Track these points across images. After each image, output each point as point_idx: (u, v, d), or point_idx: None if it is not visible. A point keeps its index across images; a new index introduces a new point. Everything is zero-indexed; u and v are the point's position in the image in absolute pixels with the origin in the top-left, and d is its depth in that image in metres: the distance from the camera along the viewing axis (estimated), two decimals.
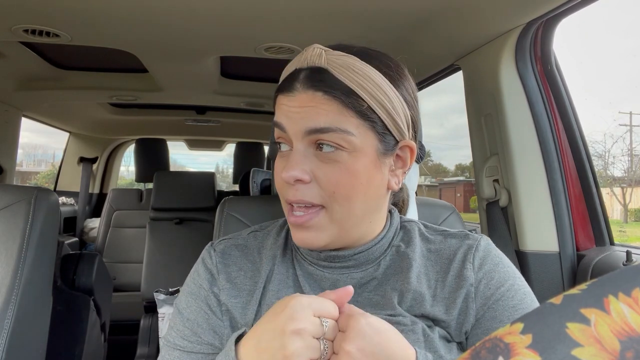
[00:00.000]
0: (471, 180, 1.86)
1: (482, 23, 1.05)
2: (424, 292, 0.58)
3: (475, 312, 0.58)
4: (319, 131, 0.54)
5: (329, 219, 0.56)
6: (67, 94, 2.04)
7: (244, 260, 0.65)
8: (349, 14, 1.11)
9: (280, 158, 0.59)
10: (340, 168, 0.54)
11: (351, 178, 0.55)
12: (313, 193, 0.55)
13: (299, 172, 0.54)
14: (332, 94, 0.54)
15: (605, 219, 1.14)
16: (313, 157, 0.55)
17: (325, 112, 0.54)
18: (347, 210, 0.56)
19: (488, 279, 0.59)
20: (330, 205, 0.56)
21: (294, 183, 0.55)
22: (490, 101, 1.16)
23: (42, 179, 9.49)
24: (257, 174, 1.95)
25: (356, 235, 0.60)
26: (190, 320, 0.62)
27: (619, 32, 18.74)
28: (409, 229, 0.66)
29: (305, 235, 0.57)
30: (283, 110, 0.57)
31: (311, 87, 0.54)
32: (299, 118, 0.55)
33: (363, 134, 0.55)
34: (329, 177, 0.55)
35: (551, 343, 0.23)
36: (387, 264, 0.62)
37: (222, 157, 7.71)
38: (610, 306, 0.23)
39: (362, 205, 0.57)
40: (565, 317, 0.23)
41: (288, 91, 0.56)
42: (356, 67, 0.55)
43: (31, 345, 1.05)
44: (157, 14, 1.14)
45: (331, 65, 0.55)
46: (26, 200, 1.05)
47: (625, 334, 0.22)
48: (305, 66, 0.57)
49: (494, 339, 0.25)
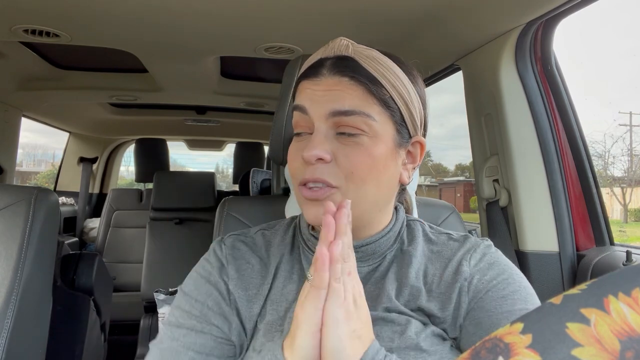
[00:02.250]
0: (471, 180, 1.87)
1: (482, 23, 1.05)
2: (421, 287, 0.59)
3: (467, 305, 0.58)
4: (343, 113, 0.56)
5: (343, 199, 0.57)
6: (67, 94, 2.04)
7: (252, 256, 0.66)
8: (348, 14, 1.11)
9: (297, 143, 0.60)
10: (360, 150, 0.56)
11: (369, 161, 0.56)
12: (331, 173, 0.56)
13: (320, 150, 0.55)
14: (358, 80, 0.56)
15: (605, 219, 1.13)
16: (333, 139, 0.57)
17: (351, 96, 0.56)
18: (361, 192, 0.57)
19: (482, 274, 0.59)
20: (345, 187, 0.57)
21: (314, 162, 0.56)
22: (490, 101, 1.16)
23: (42, 179, 9.49)
24: (257, 174, 1.95)
25: (366, 220, 0.61)
26: (199, 302, 0.61)
27: (619, 32, 18.68)
28: (413, 228, 0.67)
29: (320, 210, 0.56)
30: (307, 94, 0.59)
31: (337, 72, 0.57)
32: (324, 101, 0.57)
33: (383, 122, 0.57)
34: (349, 157, 0.56)
35: (551, 343, 0.23)
36: (390, 259, 0.63)
37: (222, 157, 7.70)
38: (610, 306, 0.23)
39: (375, 190, 0.58)
40: (565, 317, 0.23)
41: (314, 76, 0.59)
42: (381, 59, 0.59)
43: (31, 345, 1.05)
44: (157, 14, 1.14)
45: (357, 55, 0.58)
46: (26, 200, 1.05)
47: (625, 334, 0.22)
48: (331, 55, 0.60)
49: (494, 339, 0.25)
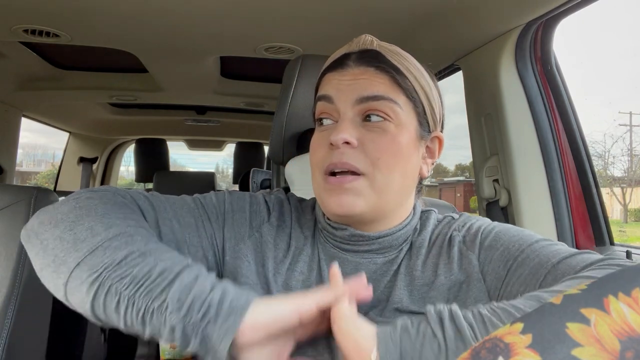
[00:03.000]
0: (471, 180, 1.86)
1: (482, 23, 1.05)
2: (429, 279, 0.59)
3: (476, 260, 0.58)
4: (371, 99, 0.57)
5: (369, 186, 0.57)
6: (67, 94, 2.04)
7: (289, 221, 0.66)
8: (348, 15, 1.11)
9: (321, 132, 0.61)
10: (387, 137, 0.57)
11: (395, 148, 0.57)
12: (358, 158, 0.56)
13: (347, 134, 0.56)
14: (384, 69, 0.58)
15: (605, 219, 1.13)
16: (360, 126, 0.58)
17: (378, 83, 0.58)
18: (388, 179, 0.57)
19: (468, 232, 0.61)
20: (371, 173, 0.57)
21: (341, 146, 0.56)
22: (490, 101, 1.16)
23: (42, 179, 9.48)
24: (257, 174, 1.95)
25: (388, 210, 0.60)
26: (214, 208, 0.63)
27: (619, 32, 18.65)
28: (425, 218, 0.67)
29: (343, 200, 0.57)
30: (333, 84, 0.60)
31: (364, 63, 0.59)
32: (350, 89, 0.58)
33: (408, 111, 0.59)
34: (376, 143, 0.57)
35: (551, 343, 0.23)
36: (404, 252, 0.62)
37: (222, 157, 7.71)
38: (610, 306, 0.23)
39: (400, 179, 0.59)
40: (565, 317, 0.23)
41: (339, 68, 0.60)
42: (403, 54, 0.61)
43: (31, 345, 1.05)
44: (157, 14, 1.14)
45: (381, 49, 0.61)
46: (26, 200, 1.05)
47: (625, 334, 0.22)
48: (356, 50, 0.61)
49: (494, 339, 0.25)
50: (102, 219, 0.51)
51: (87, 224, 0.50)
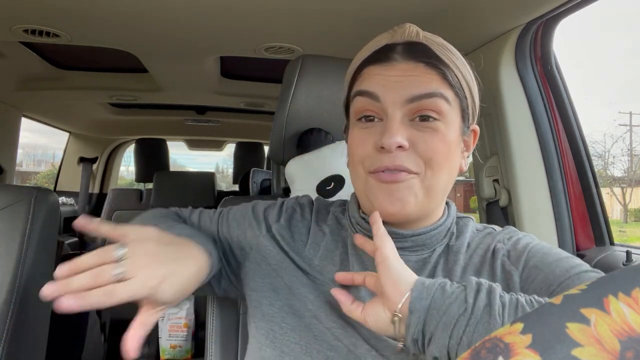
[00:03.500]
0: (471, 180, 1.88)
1: (482, 23, 1.05)
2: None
3: (516, 275, 0.57)
4: (423, 97, 0.54)
5: (421, 184, 0.56)
6: (67, 94, 2.04)
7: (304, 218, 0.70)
8: (348, 14, 1.11)
9: (365, 129, 0.58)
10: (438, 136, 0.55)
11: (446, 147, 0.56)
12: (410, 160, 0.55)
13: (400, 138, 0.54)
14: (434, 65, 0.55)
15: (605, 219, 1.13)
16: (409, 126, 0.56)
17: (428, 80, 0.55)
18: (437, 178, 0.56)
19: (515, 246, 0.60)
20: (423, 173, 0.56)
21: (394, 150, 0.54)
22: (490, 101, 1.16)
23: (42, 179, 9.48)
24: (257, 174, 1.95)
25: (432, 208, 0.60)
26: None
27: (619, 32, 18.63)
28: (462, 224, 0.65)
29: (398, 196, 0.55)
30: (377, 79, 0.56)
31: (412, 58, 0.56)
32: (400, 87, 0.55)
33: (455, 108, 0.57)
34: (428, 143, 0.55)
35: (551, 343, 0.23)
36: (439, 253, 0.61)
37: (222, 157, 7.70)
38: (610, 306, 0.23)
39: (447, 177, 0.58)
40: (565, 317, 0.23)
41: (384, 61, 0.56)
42: (449, 46, 0.58)
43: (31, 346, 1.05)
44: (157, 13, 1.14)
45: (428, 41, 0.57)
46: (26, 200, 1.05)
47: (625, 334, 0.22)
48: (400, 41, 0.58)
49: (494, 339, 0.25)
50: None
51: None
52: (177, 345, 1.87)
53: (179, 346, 1.86)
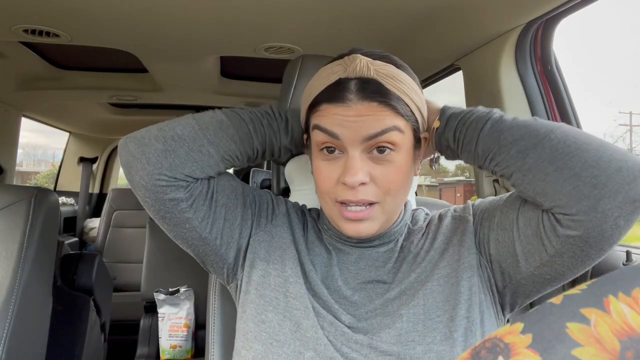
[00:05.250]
0: (471, 180, 1.84)
1: (482, 23, 1.05)
2: (430, 251, 0.67)
3: (473, 227, 0.67)
4: (378, 134, 0.59)
5: (381, 211, 0.63)
6: (67, 94, 2.04)
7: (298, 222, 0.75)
8: (349, 14, 1.11)
9: (327, 161, 0.63)
10: (393, 167, 0.61)
11: (401, 175, 0.62)
12: (371, 192, 0.61)
13: (362, 176, 0.59)
14: (387, 103, 0.59)
15: None
16: (367, 160, 0.61)
17: (382, 117, 0.59)
18: (396, 202, 0.64)
19: (484, 209, 0.68)
20: (383, 200, 0.62)
21: (357, 187, 0.60)
22: (490, 101, 1.16)
23: (42, 179, 9.49)
24: (257, 174, 1.95)
25: (393, 220, 0.68)
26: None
27: (619, 32, 18.59)
28: (416, 214, 0.75)
29: (361, 226, 0.62)
30: (335, 119, 0.60)
31: (367, 97, 0.59)
32: (356, 127, 0.59)
33: (407, 132, 0.62)
34: (385, 176, 0.61)
35: (551, 343, 0.23)
36: (402, 240, 0.70)
37: None
38: (610, 306, 0.23)
39: (404, 195, 0.65)
40: (565, 317, 0.23)
41: (340, 101, 0.60)
42: (399, 75, 0.62)
43: (31, 345, 1.05)
44: (157, 13, 1.14)
45: (379, 75, 0.60)
46: (26, 200, 1.05)
47: (625, 334, 0.22)
48: (353, 76, 0.61)
49: (494, 339, 0.25)
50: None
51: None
52: (177, 345, 1.87)
53: (179, 346, 1.87)
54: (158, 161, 0.61)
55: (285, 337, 0.60)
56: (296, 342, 0.60)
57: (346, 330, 0.60)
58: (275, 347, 0.60)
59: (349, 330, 0.60)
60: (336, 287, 0.65)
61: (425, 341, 0.58)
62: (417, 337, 0.58)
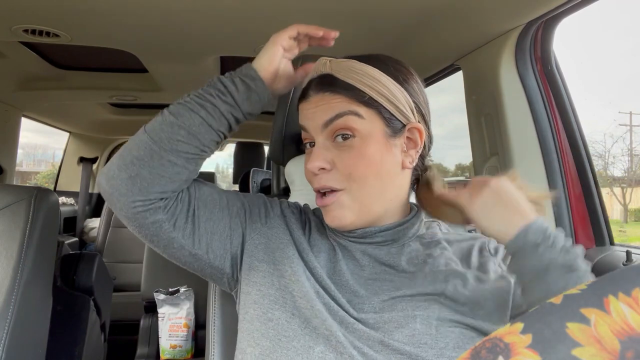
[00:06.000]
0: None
1: (482, 23, 1.05)
2: (459, 270, 0.66)
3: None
4: (333, 119, 0.63)
5: (350, 199, 0.65)
6: (67, 94, 2.04)
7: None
8: (349, 15, 1.11)
9: (308, 155, 0.68)
10: (354, 153, 0.63)
11: (364, 161, 0.63)
12: (334, 178, 0.64)
13: (320, 162, 0.64)
14: (337, 91, 0.64)
15: (605, 219, 1.13)
16: (332, 148, 0.65)
17: (335, 104, 0.64)
18: (364, 188, 0.64)
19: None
20: (349, 187, 0.64)
21: (318, 172, 0.65)
22: (490, 101, 1.16)
23: (42, 179, 9.48)
24: (257, 174, 1.95)
25: (380, 211, 0.67)
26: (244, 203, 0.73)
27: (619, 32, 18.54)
28: (433, 227, 0.76)
29: (333, 214, 0.66)
30: (304, 114, 0.67)
31: (320, 90, 0.65)
32: (315, 116, 0.65)
33: (371, 119, 0.64)
34: (345, 162, 0.64)
35: (551, 343, 0.23)
36: (411, 249, 0.69)
37: (222, 157, 7.71)
38: (611, 306, 0.23)
39: (378, 183, 0.65)
40: (565, 317, 0.23)
41: (304, 98, 0.68)
42: (355, 67, 0.65)
43: (31, 345, 1.05)
44: (157, 14, 1.14)
45: (334, 70, 0.65)
46: (26, 200, 1.05)
47: (625, 334, 0.22)
48: (315, 75, 0.68)
49: (494, 339, 0.25)
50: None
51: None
52: (177, 345, 1.86)
53: (179, 346, 1.86)
54: (128, 190, 0.62)
55: (294, 332, 0.61)
56: (305, 336, 0.60)
57: (357, 325, 0.60)
58: (284, 342, 0.60)
59: (361, 325, 0.60)
60: (343, 281, 0.66)
61: (438, 345, 0.58)
62: (430, 340, 0.58)
